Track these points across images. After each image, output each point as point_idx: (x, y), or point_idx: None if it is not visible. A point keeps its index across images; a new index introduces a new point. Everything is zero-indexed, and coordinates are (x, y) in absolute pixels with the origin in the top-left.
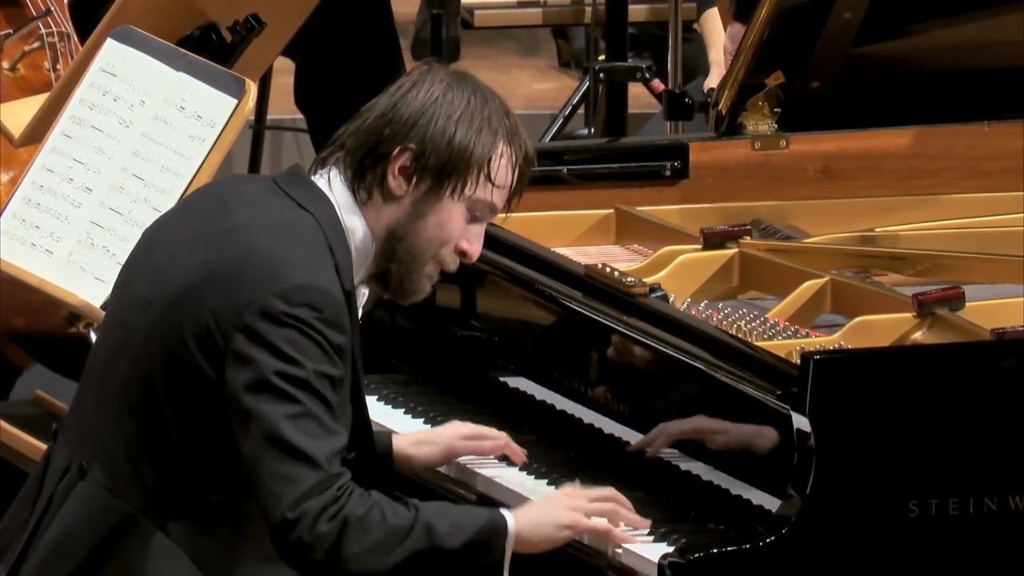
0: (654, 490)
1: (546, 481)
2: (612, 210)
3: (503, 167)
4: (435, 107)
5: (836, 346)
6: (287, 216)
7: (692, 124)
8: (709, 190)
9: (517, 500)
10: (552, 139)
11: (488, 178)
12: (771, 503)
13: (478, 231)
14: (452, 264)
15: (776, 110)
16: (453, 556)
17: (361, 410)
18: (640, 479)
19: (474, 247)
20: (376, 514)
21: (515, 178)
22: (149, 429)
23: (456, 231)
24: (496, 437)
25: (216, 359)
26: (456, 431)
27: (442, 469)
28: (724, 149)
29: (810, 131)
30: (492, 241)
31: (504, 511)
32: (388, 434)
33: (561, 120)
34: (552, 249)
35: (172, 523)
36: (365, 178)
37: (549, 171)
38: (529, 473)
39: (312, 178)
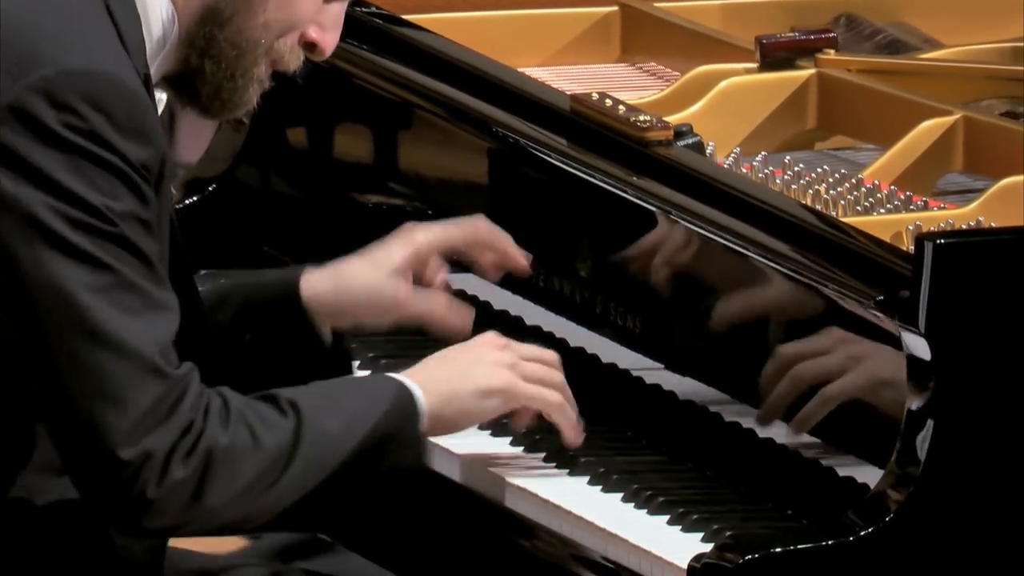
0: (682, 452)
1: (522, 448)
2: (615, 7)
3: None
4: None
5: (971, 224)
6: None
7: None
8: None
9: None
10: None
11: None
12: (866, 475)
13: (336, 15)
14: (294, 62)
15: None
16: (353, 464)
17: (188, 292)
18: (663, 434)
19: (328, 37)
20: (244, 436)
21: None
22: None
23: (307, 12)
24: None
25: None
26: (422, 242)
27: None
28: None
29: None
30: (423, 57)
31: (406, 380)
32: (292, 276)
33: None
34: (520, 70)
35: None
36: None
37: None
38: (495, 435)
39: None
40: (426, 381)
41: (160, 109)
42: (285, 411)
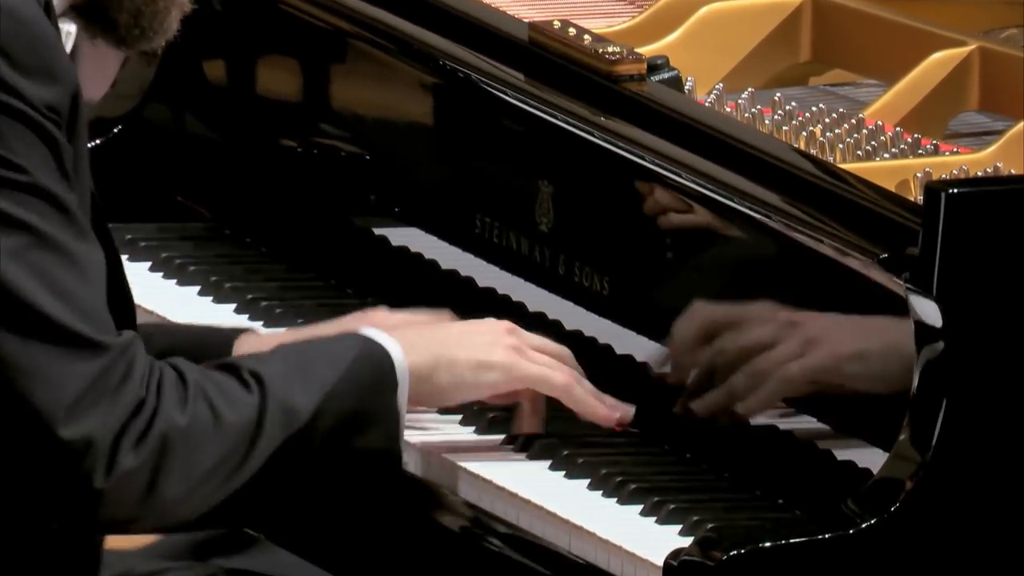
0: (657, 433)
1: (474, 428)
2: None
3: None
4: None
5: (988, 171)
6: None
7: None
8: None
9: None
10: None
11: None
12: (868, 459)
13: None
14: None
15: None
16: (325, 441)
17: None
18: (635, 412)
19: None
20: (204, 414)
21: None
22: None
23: None
24: None
25: None
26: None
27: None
28: None
29: None
30: None
31: (386, 342)
32: (229, 335)
33: None
34: None
35: None
36: None
37: None
38: (443, 412)
39: None
40: (414, 342)
41: (69, 44)
42: (248, 383)
